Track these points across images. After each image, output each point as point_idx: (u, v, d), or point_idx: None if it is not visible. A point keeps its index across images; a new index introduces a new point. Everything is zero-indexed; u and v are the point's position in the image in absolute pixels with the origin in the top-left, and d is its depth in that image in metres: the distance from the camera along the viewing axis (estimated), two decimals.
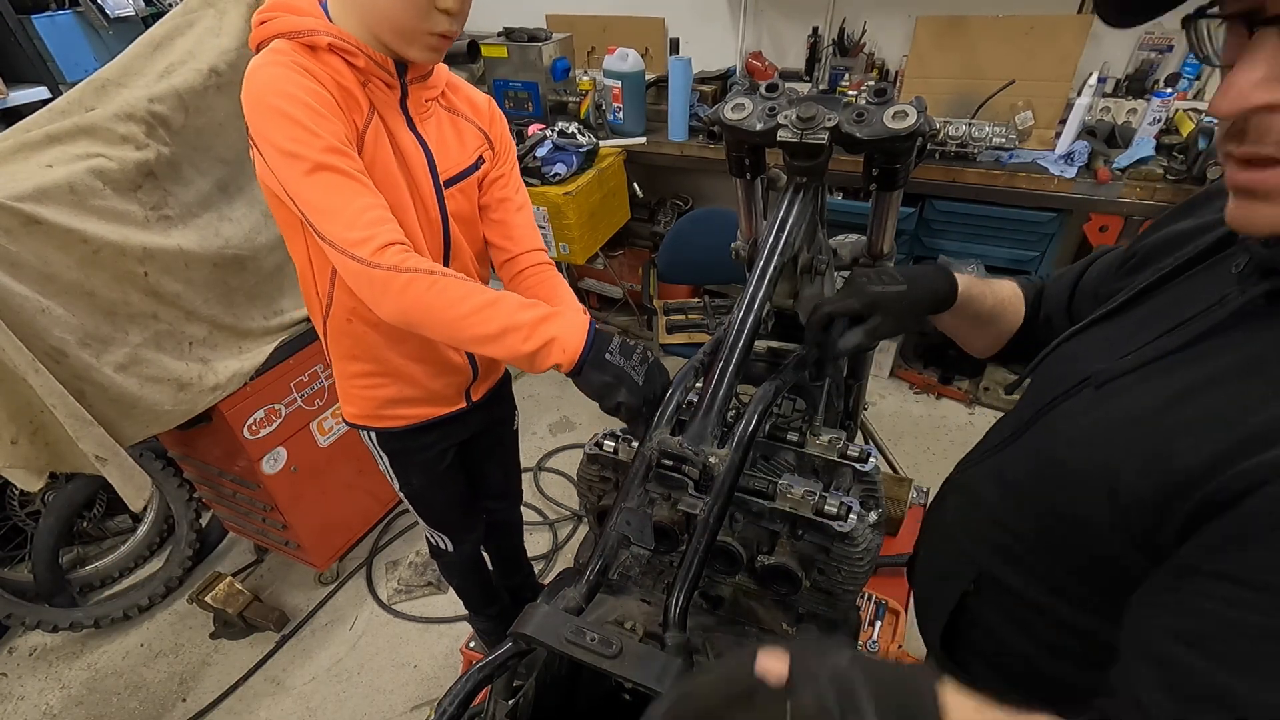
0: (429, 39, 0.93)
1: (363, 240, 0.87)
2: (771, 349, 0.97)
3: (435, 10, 0.90)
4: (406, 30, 0.92)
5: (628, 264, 3.35)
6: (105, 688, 2.03)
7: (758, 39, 3.01)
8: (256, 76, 0.89)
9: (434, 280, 0.88)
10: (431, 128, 1.07)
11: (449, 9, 0.91)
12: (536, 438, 2.88)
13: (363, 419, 1.28)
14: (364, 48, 0.93)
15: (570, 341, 0.89)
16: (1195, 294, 0.59)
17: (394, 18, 0.90)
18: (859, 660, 0.44)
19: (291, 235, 1.07)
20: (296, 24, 0.92)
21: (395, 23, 0.91)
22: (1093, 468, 0.57)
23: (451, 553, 1.59)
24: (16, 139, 1.35)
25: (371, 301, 0.91)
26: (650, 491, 0.73)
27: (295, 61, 0.90)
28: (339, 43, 0.92)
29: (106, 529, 2.37)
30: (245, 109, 0.90)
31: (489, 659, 0.61)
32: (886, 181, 0.78)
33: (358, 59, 0.94)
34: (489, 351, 0.90)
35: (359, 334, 1.15)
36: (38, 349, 1.29)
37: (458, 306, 0.88)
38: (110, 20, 2.60)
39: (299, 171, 0.87)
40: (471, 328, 0.88)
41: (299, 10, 0.94)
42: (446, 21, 0.92)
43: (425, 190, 1.07)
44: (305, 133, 0.87)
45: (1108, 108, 2.39)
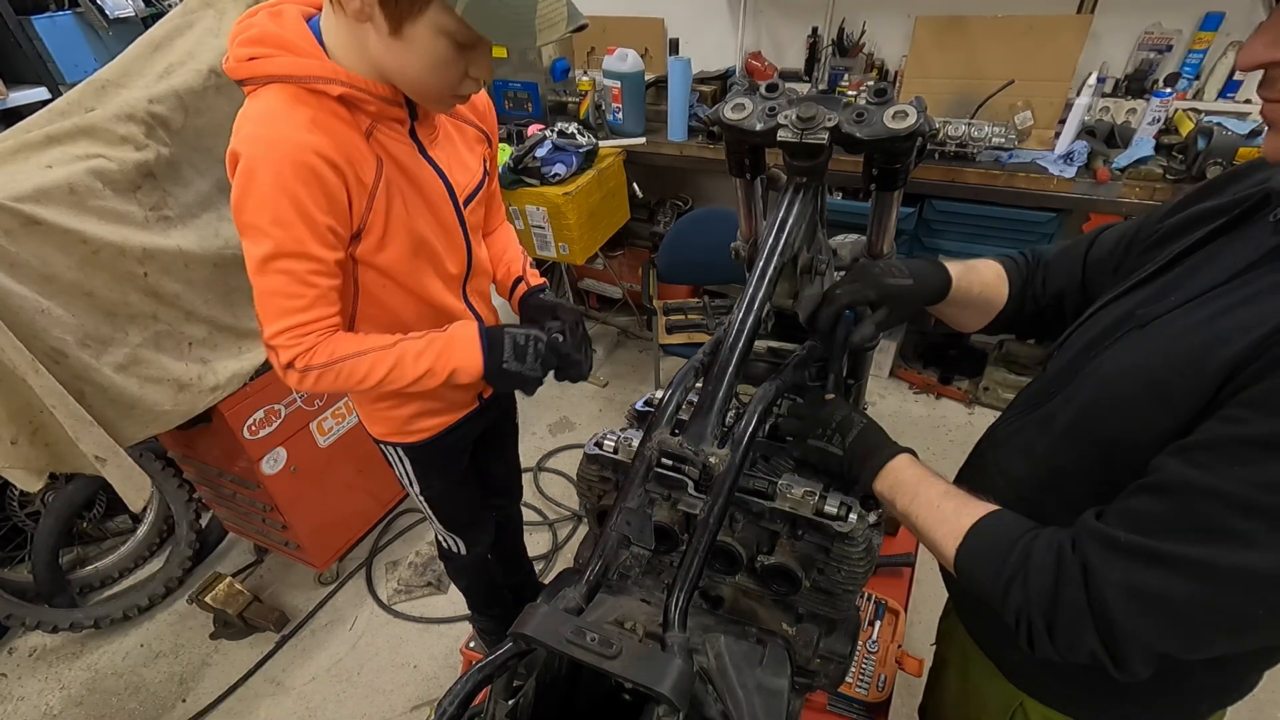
0: (455, 99, 0.93)
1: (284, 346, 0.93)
2: (771, 349, 0.97)
3: (467, 79, 0.89)
4: (435, 96, 0.90)
5: (628, 264, 3.35)
6: (105, 688, 2.03)
7: (757, 39, 3.01)
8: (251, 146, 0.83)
9: (339, 369, 0.95)
10: (441, 149, 1.04)
11: (480, 77, 0.89)
12: (536, 438, 2.88)
13: (390, 436, 1.29)
14: (375, 89, 0.88)
15: (470, 366, 1.02)
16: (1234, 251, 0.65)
17: (425, 86, 0.88)
18: (870, 421, 0.81)
19: None
20: (300, 67, 0.84)
21: (425, 90, 0.88)
22: (1145, 386, 0.62)
23: (464, 555, 1.59)
24: (16, 139, 1.35)
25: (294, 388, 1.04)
26: (650, 491, 0.73)
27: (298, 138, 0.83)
28: (352, 93, 0.86)
29: (106, 529, 2.37)
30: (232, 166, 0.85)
31: (489, 659, 0.61)
32: (886, 181, 0.78)
33: (370, 105, 0.89)
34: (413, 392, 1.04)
35: None
36: (38, 349, 1.29)
37: (367, 380, 0.97)
38: (110, 21, 2.61)
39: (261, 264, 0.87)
40: (385, 388, 0.99)
41: (298, 50, 0.85)
42: (475, 85, 0.91)
43: (446, 215, 1.06)
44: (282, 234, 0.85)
45: (1107, 107, 2.39)
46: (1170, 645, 0.56)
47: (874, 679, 1.39)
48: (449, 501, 1.47)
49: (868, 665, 1.42)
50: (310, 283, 0.90)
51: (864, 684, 1.38)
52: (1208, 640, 0.56)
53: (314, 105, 0.86)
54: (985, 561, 0.65)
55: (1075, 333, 0.80)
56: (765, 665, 0.73)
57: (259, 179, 0.83)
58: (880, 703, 1.36)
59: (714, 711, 0.66)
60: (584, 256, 2.73)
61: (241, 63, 0.86)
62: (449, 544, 1.57)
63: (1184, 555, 0.53)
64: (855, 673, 1.40)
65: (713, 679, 0.70)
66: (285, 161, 0.82)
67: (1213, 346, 0.56)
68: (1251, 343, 0.54)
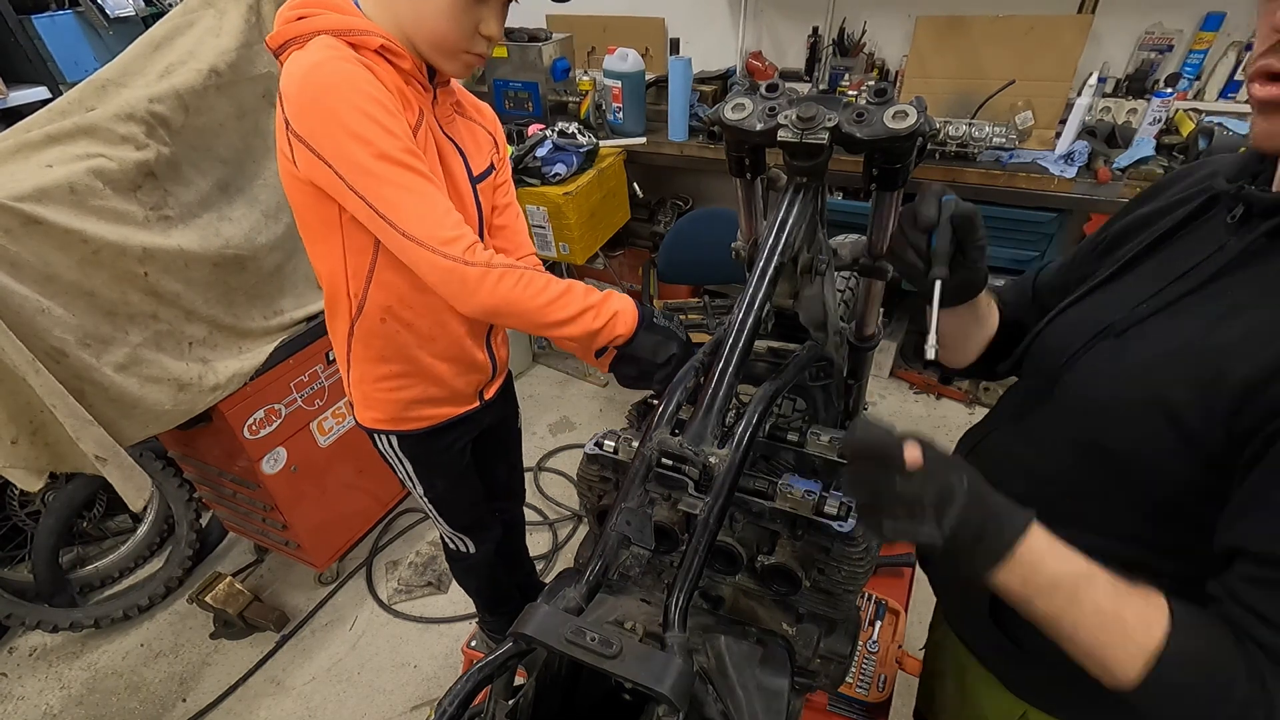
0: (467, 57, 0.98)
1: (454, 239, 0.91)
2: (771, 349, 0.97)
3: (479, 34, 0.95)
4: (448, 47, 0.96)
5: (628, 264, 3.35)
6: (105, 688, 2.03)
7: (758, 39, 3.01)
8: (321, 71, 0.87)
9: (520, 274, 0.95)
10: (456, 130, 1.11)
11: (491, 35, 0.96)
12: (536, 438, 2.88)
13: (385, 422, 1.27)
14: (407, 51, 0.96)
15: (629, 313, 1.01)
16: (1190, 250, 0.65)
17: (439, 34, 0.94)
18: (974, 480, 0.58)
19: (322, 236, 1.05)
20: (344, 22, 0.92)
21: (439, 39, 0.95)
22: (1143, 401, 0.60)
23: (473, 555, 1.59)
24: (16, 139, 1.35)
25: (459, 297, 0.95)
26: (650, 491, 0.73)
27: (352, 56, 0.89)
28: (390, 45, 0.93)
29: (106, 529, 2.37)
30: (300, 105, 0.88)
31: (489, 659, 0.61)
32: (887, 181, 0.78)
33: (404, 61, 0.96)
34: (563, 331, 0.99)
35: (391, 334, 1.14)
36: (38, 349, 1.29)
37: (539, 297, 0.96)
38: (110, 20, 2.60)
39: (380, 170, 0.88)
40: (551, 314, 0.97)
41: (341, 9, 0.93)
42: (486, 44, 0.97)
43: (464, 188, 1.11)
44: (384, 131, 0.88)
45: (1108, 108, 2.39)
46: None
47: (874, 679, 1.39)
48: (453, 502, 1.46)
49: (868, 665, 1.42)
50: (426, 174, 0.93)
51: (864, 684, 1.38)
52: None
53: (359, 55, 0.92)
54: (1195, 695, 0.54)
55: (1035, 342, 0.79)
56: (765, 665, 0.73)
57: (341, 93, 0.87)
58: (880, 703, 1.36)
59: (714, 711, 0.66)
60: (584, 256, 2.73)
61: (290, 23, 0.92)
62: (457, 545, 1.57)
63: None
64: (855, 673, 1.40)
65: (713, 679, 0.70)
66: (362, 78, 0.88)
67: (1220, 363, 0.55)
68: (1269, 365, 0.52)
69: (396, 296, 1.09)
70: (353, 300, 1.11)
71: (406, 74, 0.98)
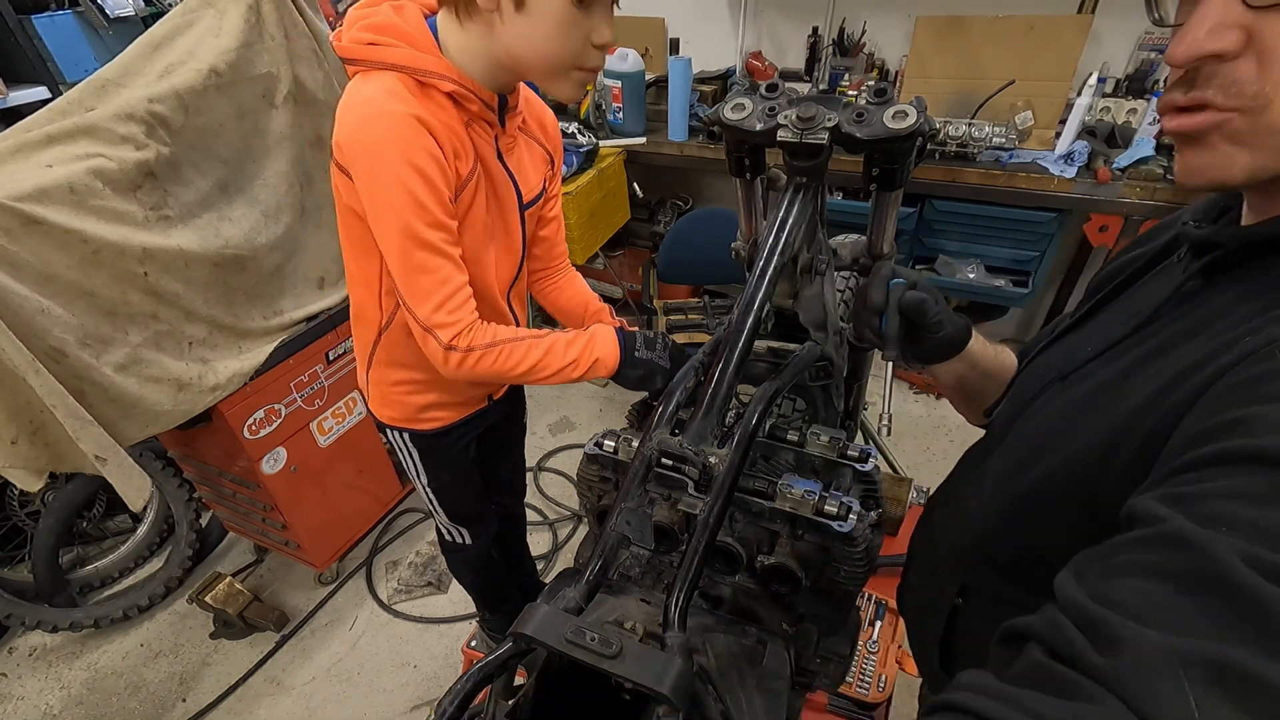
0: (580, 75, 0.93)
1: (445, 325, 0.97)
2: (771, 349, 0.97)
3: (591, 47, 0.90)
4: (561, 68, 0.91)
5: (628, 264, 3.35)
6: (105, 688, 2.03)
7: (758, 39, 3.01)
8: (375, 125, 0.86)
9: (498, 352, 0.99)
10: (514, 157, 1.08)
11: (604, 42, 0.90)
12: (536, 438, 2.88)
13: (400, 421, 1.30)
14: (479, 90, 0.93)
15: (609, 356, 1.04)
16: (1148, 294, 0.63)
17: (551, 57, 0.90)
18: None
19: (362, 250, 1.06)
20: (418, 61, 0.89)
21: (551, 62, 0.90)
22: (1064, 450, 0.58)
23: (469, 546, 1.60)
24: (16, 139, 1.35)
25: (442, 370, 1.01)
26: (650, 491, 0.73)
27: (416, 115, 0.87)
28: (460, 90, 0.91)
29: (106, 529, 2.37)
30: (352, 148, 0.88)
31: (489, 659, 0.61)
32: (886, 181, 0.78)
33: (473, 104, 0.94)
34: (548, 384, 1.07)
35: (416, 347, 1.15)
36: (38, 349, 1.29)
37: (518, 368, 1.01)
38: (110, 20, 2.60)
39: (401, 244, 0.91)
40: (531, 378, 1.04)
41: (416, 44, 0.90)
42: (599, 55, 0.92)
43: (511, 219, 1.11)
44: (417, 207, 0.89)
45: (1108, 108, 2.38)
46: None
47: (874, 679, 1.39)
48: (454, 494, 1.47)
49: (868, 665, 1.42)
50: (447, 253, 0.94)
51: (864, 684, 1.38)
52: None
53: (424, 96, 0.91)
54: None
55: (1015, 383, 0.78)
56: (765, 665, 0.73)
57: (387, 155, 0.86)
58: (880, 703, 1.36)
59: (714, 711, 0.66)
60: (584, 256, 2.73)
61: (360, 45, 0.90)
62: (453, 536, 1.58)
63: None
64: (855, 673, 1.40)
65: (713, 679, 0.70)
66: (410, 138, 0.87)
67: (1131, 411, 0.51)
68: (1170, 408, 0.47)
69: None
70: (383, 313, 1.14)
71: (473, 115, 0.96)
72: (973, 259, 2.54)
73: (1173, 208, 2.09)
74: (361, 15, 0.92)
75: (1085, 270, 2.79)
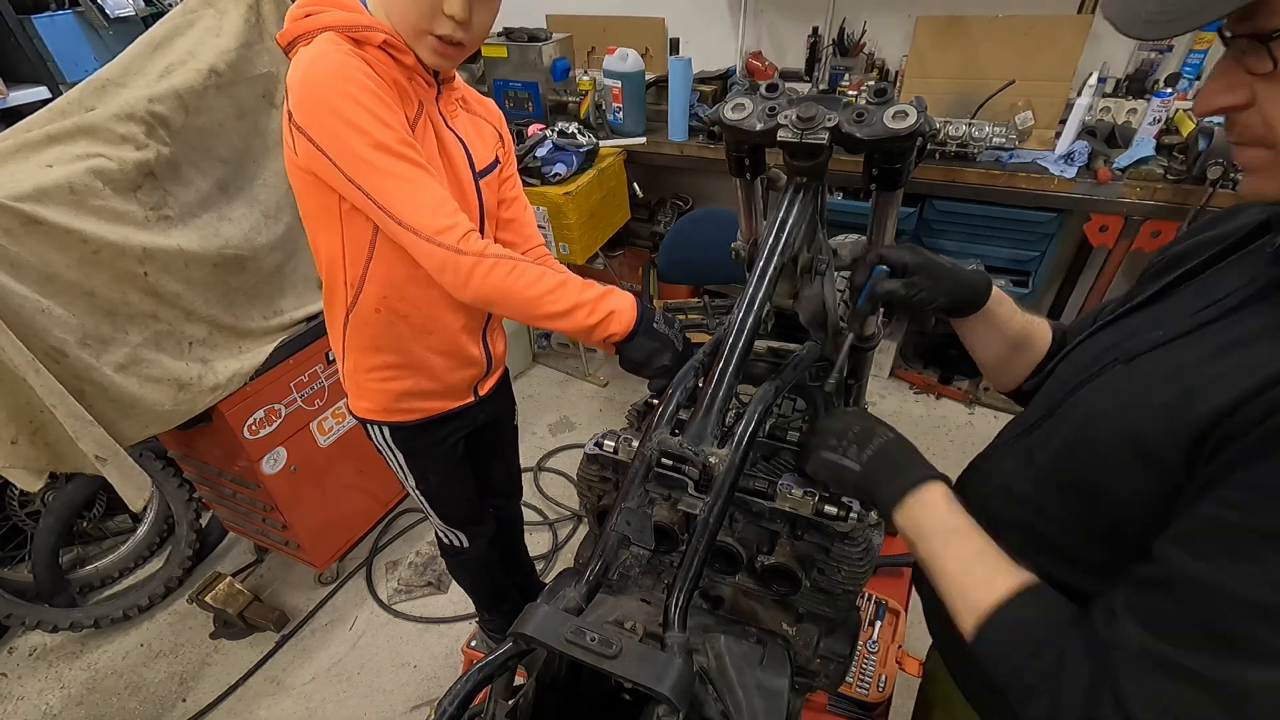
0: (433, 41, 0.96)
1: (448, 228, 0.93)
2: (771, 349, 0.97)
3: (440, 14, 0.94)
4: (415, 29, 0.96)
5: (628, 264, 3.35)
6: (105, 688, 2.03)
7: (758, 39, 3.01)
8: (320, 64, 0.89)
9: (513, 265, 0.96)
10: (460, 124, 1.12)
11: (453, 14, 0.94)
12: (536, 438, 2.88)
13: (376, 413, 1.28)
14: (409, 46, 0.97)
15: (625, 314, 1.00)
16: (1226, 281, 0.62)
17: (406, 18, 0.95)
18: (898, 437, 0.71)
19: (323, 225, 1.06)
20: (349, 19, 0.94)
21: (405, 20, 0.95)
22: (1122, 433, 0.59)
23: (467, 549, 1.59)
24: (16, 139, 1.35)
25: (454, 285, 0.97)
26: (650, 491, 0.73)
27: (358, 55, 0.92)
28: (393, 39, 0.95)
29: (106, 529, 2.37)
30: (301, 97, 0.90)
31: (489, 659, 0.61)
32: (886, 181, 0.78)
33: (406, 56, 0.97)
34: (557, 325, 0.99)
35: (386, 324, 1.16)
36: (38, 349, 1.29)
37: (534, 288, 0.96)
38: (110, 20, 2.60)
39: (375, 160, 0.90)
40: (544, 306, 0.98)
41: (347, 6, 0.95)
42: (450, 26, 0.95)
43: (465, 181, 1.12)
44: (379, 122, 0.90)
45: (1108, 108, 2.39)
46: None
47: (874, 679, 1.39)
48: (445, 496, 1.47)
49: (868, 665, 1.42)
50: (421, 163, 0.94)
51: (864, 684, 1.38)
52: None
53: (361, 51, 0.94)
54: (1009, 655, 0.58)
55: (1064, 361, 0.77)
56: (765, 665, 0.73)
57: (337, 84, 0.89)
58: (880, 703, 1.36)
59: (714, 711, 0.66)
60: (584, 256, 2.73)
61: (297, 20, 0.95)
62: (450, 539, 1.57)
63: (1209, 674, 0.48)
64: (855, 673, 1.40)
65: (713, 679, 0.70)
66: (360, 71, 0.90)
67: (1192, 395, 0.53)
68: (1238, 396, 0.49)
69: (392, 288, 1.10)
70: (349, 289, 1.12)
71: (409, 69, 1.00)
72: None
73: (1173, 208, 2.09)
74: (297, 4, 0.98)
75: (1085, 270, 2.79)
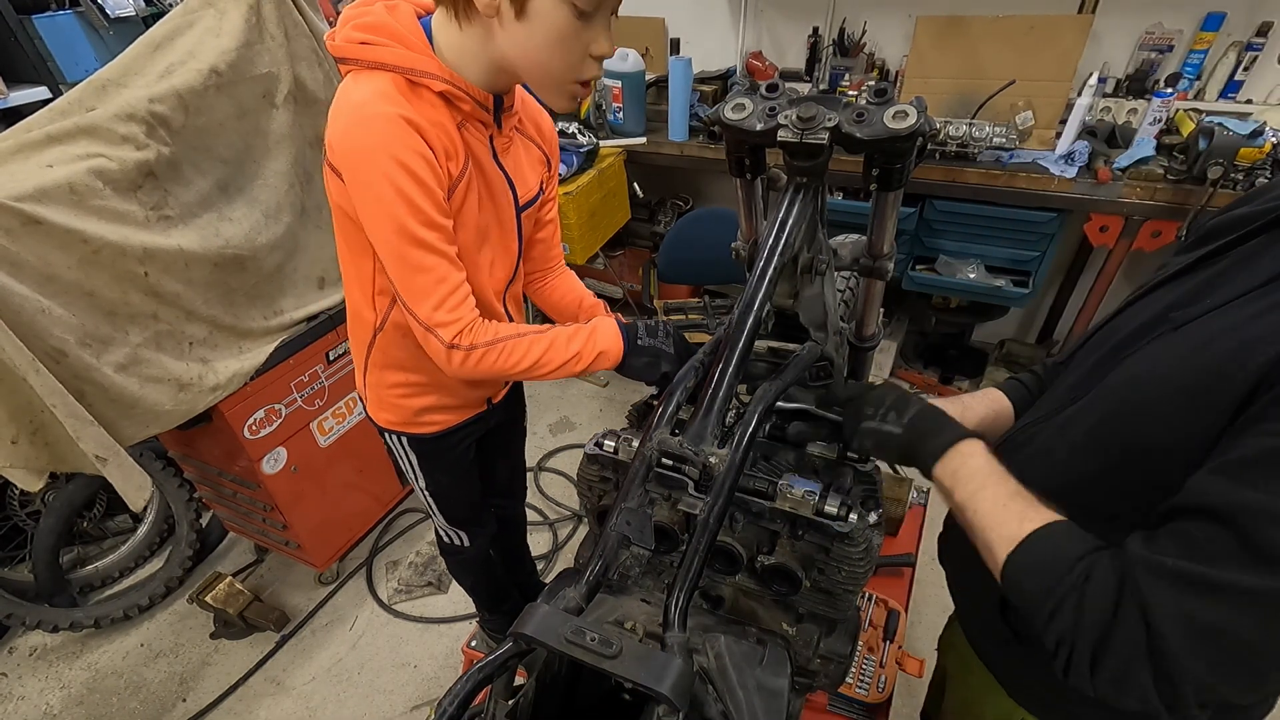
0: (576, 87, 0.93)
1: (446, 324, 0.96)
2: (771, 349, 0.97)
3: (590, 58, 0.89)
4: (558, 79, 0.90)
5: (628, 264, 3.35)
6: (105, 688, 2.03)
7: (758, 39, 3.01)
8: (365, 128, 0.86)
9: (500, 350, 0.99)
10: (510, 158, 1.07)
11: (603, 54, 0.89)
12: (536, 438, 2.88)
13: (396, 424, 1.30)
14: (472, 90, 0.92)
15: (613, 348, 1.04)
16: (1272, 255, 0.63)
17: (548, 67, 0.89)
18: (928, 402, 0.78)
19: (357, 250, 1.05)
20: (409, 61, 0.88)
21: (548, 71, 0.89)
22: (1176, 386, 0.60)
23: (468, 548, 1.59)
24: (16, 139, 1.35)
25: (445, 369, 1.01)
26: (650, 491, 0.73)
27: (405, 116, 0.86)
28: (452, 89, 0.91)
29: (106, 529, 2.37)
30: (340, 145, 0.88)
31: (489, 659, 0.61)
32: (886, 181, 0.78)
33: (465, 104, 0.93)
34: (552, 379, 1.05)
35: (411, 348, 1.15)
36: (38, 349, 1.29)
37: (520, 364, 1.01)
38: (110, 20, 2.60)
39: (396, 244, 0.90)
40: (534, 374, 1.04)
41: (409, 44, 0.90)
42: (596, 68, 0.91)
43: (507, 219, 1.10)
44: (410, 207, 0.88)
45: (1108, 108, 2.39)
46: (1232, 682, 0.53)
47: (874, 679, 1.39)
48: (452, 496, 1.47)
49: (868, 665, 1.42)
50: (443, 251, 0.94)
51: (864, 684, 1.38)
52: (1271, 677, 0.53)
53: (415, 96, 0.90)
54: (1038, 575, 0.60)
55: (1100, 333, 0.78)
56: (765, 665, 0.73)
57: (377, 156, 0.86)
58: (880, 703, 1.36)
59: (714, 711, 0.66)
60: (584, 256, 2.73)
61: (353, 44, 0.90)
62: (451, 538, 1.58)
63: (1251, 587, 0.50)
64: (855, 673, 1.40)
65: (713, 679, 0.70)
66: (399, 139, 0.86)
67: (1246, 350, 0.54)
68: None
69: None
70: (377, 314, 1.13)
71: (466, 115, 0.95)
72: (973, 259, 2.53)
73: (1173, 208, 2.09)
74: (355, 14, 0.92)
75: (1085, 270, 2.79)
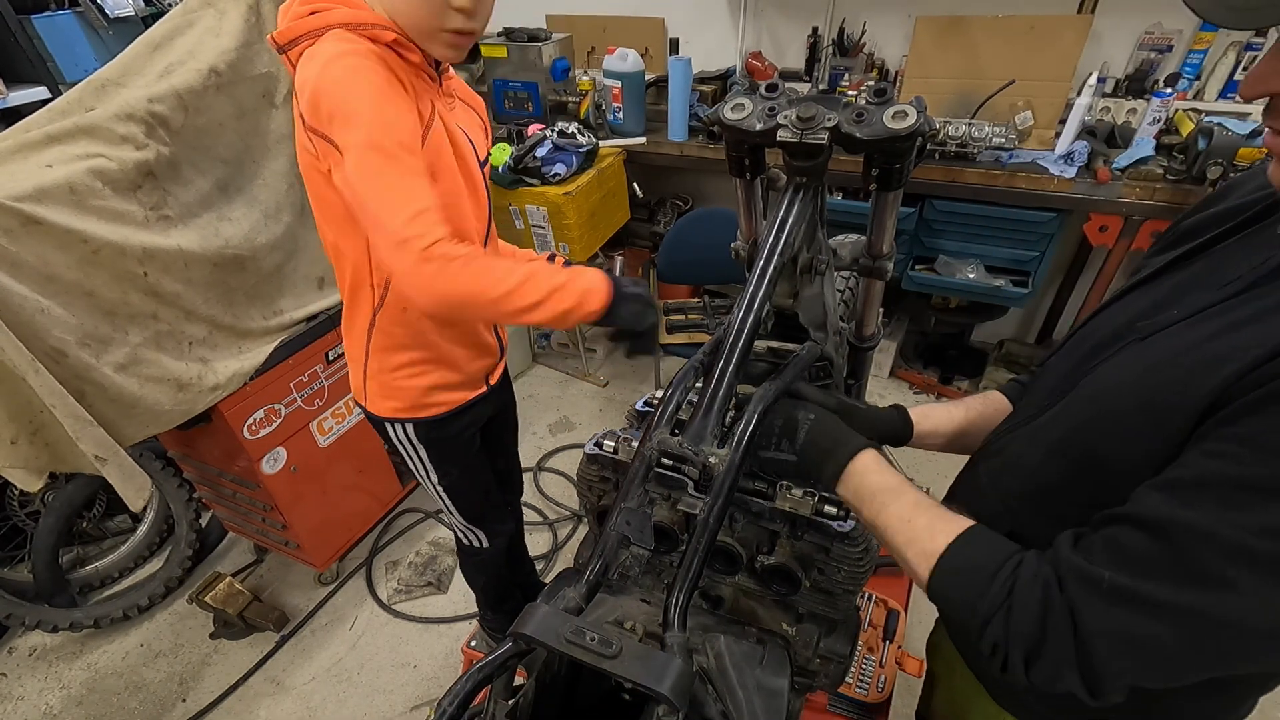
0: (446, 36, 0.97)
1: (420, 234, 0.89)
2: (771, 349, 0.97)
3: (450, 8, 0.94)
4: (426, 28, 0.95)
5: (628, 264, 3.34)
6: (105, 688, 2.03)
7: (758, 39, 3.01)
8: (336, 64, 0.88)
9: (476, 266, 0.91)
10: (459, 118, 1.12)
11: (463, 7, 0.94)
12: (536, 438, 2.88)
13: (403, 411, 1.29)
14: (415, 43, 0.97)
15: (598, 287, 1.00)
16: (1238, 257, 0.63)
17: (414, 18, 0.94)
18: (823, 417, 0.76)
19: (349, 226, 1.05)
20: (357, 16, 0.93)
21: (415, 20, 0.95)
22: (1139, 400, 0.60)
23: (485, 549, 1.59)
24: (16, 139, 1.35)
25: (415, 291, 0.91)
26: (650, 491, 0.73)
27: (376, 54, 0.91)
28: (401, 39, 0.95)
29: (106, 529, 2.37)
30: (313, 95, 0.89)
31: (489, 659, 0.61)
32: (886, 181, 0.78)
33: (413, 54, 0.97)
34: (531, 318, 0.96)
35: (412, 322, 1.18)
36: (38, 349, 1.29)
37: (498, 287, 0.92)
38: (110, 20, 2.60)
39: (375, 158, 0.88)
40: (514, 302, 0.93)
41: (351, 3, 0.95)
42: (461, 19, 0.95)
43: (474, 172, 1.13)
44: (384, 124, 0.89)
45: (1107, 108, 2.39)
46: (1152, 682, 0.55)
47: (874, 679, 1.39)
48: (466, 490, 1.47)
49: (868, 665, 1.42)
50: (420, 172, 0.92)
51: (864, 684, 1.38)
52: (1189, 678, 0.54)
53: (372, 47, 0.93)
54: (962, 590, 0.61)
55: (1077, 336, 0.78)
56: (765, 665, 0.73)
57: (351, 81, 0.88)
58: (880, 703, 1.36)
59: (714, 711, 0.66)
60: (584, 256, 2.72)
61: (301, 19, 0.93)
62: (469, 539, 1.57)
63: (1176, 603, 0.51)
64: (855, 673, 1.40)
65: (713, 679, 0.70)
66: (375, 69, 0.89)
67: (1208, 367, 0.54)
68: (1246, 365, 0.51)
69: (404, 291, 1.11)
70: (376, 290, 1.14)
71: (415, 67, 1.00)
72: (973, 259, 2.53)
73: (1172, 208, 2.09)
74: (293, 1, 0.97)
75: (1085, 270, 2.79)
